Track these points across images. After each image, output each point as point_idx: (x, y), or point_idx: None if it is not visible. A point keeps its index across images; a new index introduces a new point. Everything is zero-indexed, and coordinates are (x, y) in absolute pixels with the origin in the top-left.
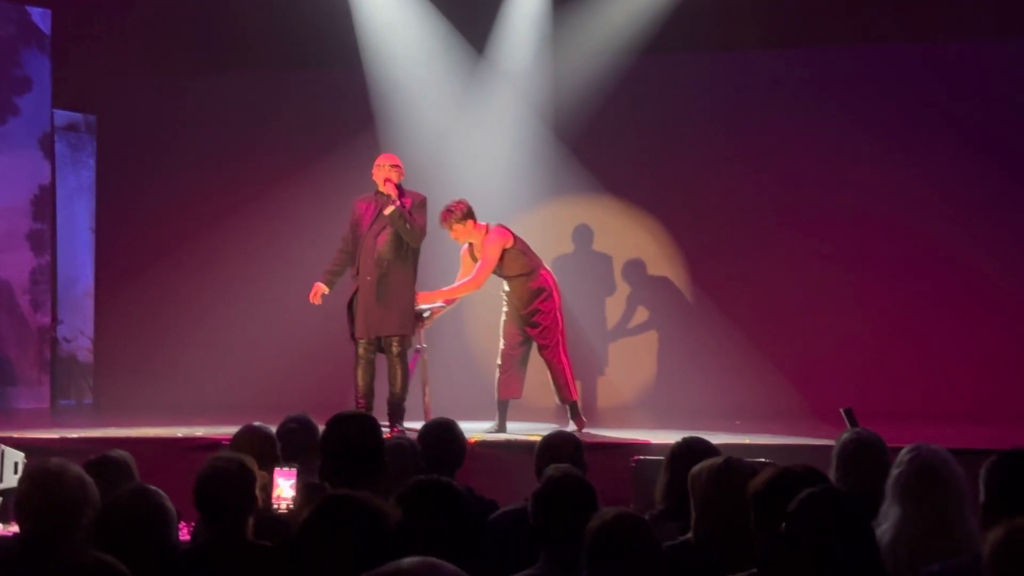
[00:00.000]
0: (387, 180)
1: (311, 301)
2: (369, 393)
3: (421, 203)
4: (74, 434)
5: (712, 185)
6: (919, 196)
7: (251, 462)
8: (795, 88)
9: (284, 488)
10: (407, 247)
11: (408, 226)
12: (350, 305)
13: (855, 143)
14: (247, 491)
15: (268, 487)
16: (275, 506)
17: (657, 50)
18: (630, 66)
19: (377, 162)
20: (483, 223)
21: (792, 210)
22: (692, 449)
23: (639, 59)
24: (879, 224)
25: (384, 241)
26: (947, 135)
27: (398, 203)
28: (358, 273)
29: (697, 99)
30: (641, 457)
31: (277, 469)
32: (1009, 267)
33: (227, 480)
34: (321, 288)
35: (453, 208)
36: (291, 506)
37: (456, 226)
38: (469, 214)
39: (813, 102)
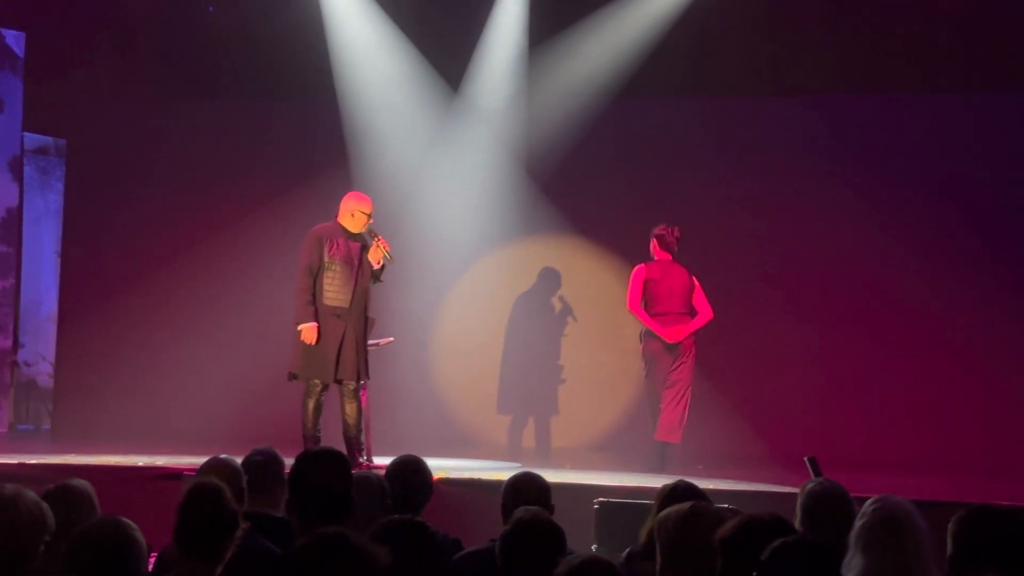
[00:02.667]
0: (379, 239)
1: (313, 344)
2: (318, 427)
3: None
4: (33, 460)
5: (679, 230)
6: (887, 247)
7: (237, 505)
8: (765, 134)
9: None
10: None
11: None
12: (319, 343)
13: (819, 193)
14: (233, 534)
15: None
16: None
17: (631, 93)
18: (604, 108)
19: (357, 205)
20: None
21: (758, 257)
22: (682, 492)
23: (613, 102)
24: (848, 273)
25: (366, 285)
26: (909, 188)
27: (386, 257)
28: (337, 314)
29: (668, 143)
30: (603, 499)
31: None
32: (969, 319)
33: (220, 521)
34: (316, 326)
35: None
36: None
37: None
38: None
39: (783, 150)
